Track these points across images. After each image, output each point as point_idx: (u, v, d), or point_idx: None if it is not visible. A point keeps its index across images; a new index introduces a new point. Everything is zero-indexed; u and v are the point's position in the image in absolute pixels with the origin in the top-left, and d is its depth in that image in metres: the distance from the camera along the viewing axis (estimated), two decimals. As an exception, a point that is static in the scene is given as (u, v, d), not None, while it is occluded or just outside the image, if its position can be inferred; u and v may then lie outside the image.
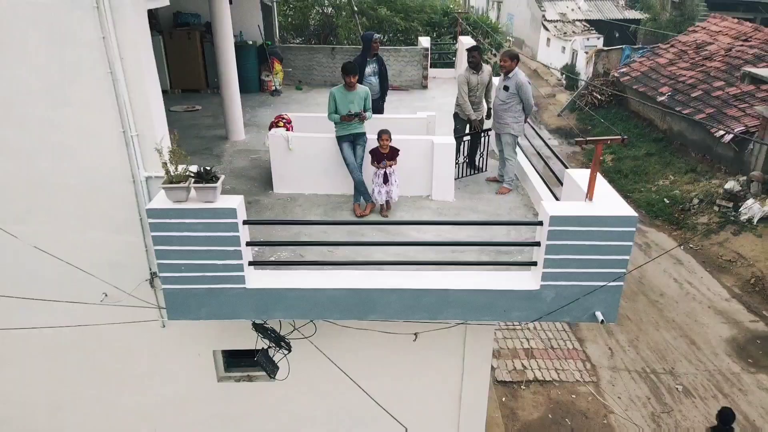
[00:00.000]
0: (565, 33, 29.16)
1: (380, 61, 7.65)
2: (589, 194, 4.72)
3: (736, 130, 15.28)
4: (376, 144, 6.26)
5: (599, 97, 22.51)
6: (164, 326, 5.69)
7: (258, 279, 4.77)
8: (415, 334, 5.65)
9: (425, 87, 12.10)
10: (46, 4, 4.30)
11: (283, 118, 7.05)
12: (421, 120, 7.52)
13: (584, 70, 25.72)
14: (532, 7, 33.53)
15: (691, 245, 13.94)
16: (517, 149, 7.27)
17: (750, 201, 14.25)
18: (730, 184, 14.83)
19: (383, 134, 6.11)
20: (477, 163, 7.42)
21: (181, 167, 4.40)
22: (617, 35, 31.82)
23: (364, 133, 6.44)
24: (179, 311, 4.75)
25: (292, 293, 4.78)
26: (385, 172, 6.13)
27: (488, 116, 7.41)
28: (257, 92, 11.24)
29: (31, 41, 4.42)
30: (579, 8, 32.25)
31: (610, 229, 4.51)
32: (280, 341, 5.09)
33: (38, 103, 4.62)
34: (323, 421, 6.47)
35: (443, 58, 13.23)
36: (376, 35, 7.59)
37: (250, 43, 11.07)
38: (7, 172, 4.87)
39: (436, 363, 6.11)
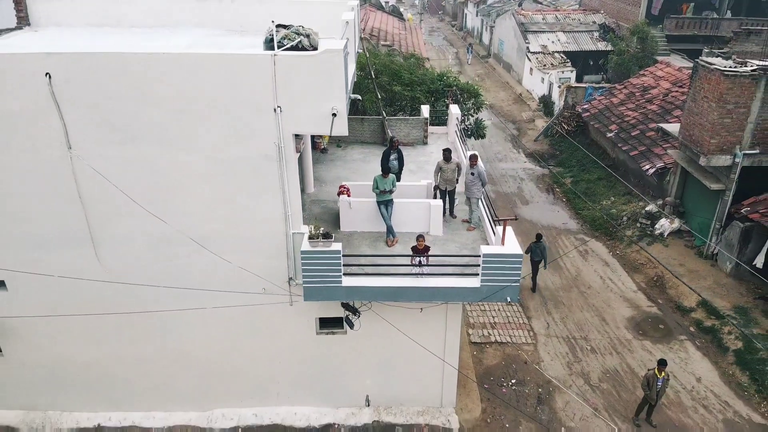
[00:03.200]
0: (544, 65, 34.24)
1: (399, 151, 12.95)
2: (502, 241, 10.01)
3: (657, 166, 20.55)
4: (404, 212, 11.50)
5: (566, 127, 27.72)
6: (291, 305, 11.00)
7: (347, 281, 10.09)
8: (421, 308, 10.96)
9: (426, 143, 17.29)
10: (257, 158, 9.54)
11: (345, 187, 12.31)
12: (422, 186, 12.80)
13: (558, 101, 30.89)
14: (518, 38, 38.62)
15: (617, 251, 19.25)
16: (480, 204, 12.50)
17: (663, 220, 19.55)
18: (650, 207, 20.13)
19: (419, 238, 10.36)
20: (453, 213, 12.62)
21: (311, 228, 9.72)
22: (591, 63, 37.00)
23: (392, 200, 11.68)
24: (311, 296, 10.11)
25: (362, 288, 10.10)
26: (420, 261, 10.51)
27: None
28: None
29: (247, 172, 9.67)
30: (559, 40, 37.31)
31: (510, 259, 9.81)
32: (355, 311, 10.42)
33: (246, 198, 9.89)
34: (371, 357, 11.84)
35: (439, 119, 18.42)
36: (396, 138, 12.91)
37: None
38: (226, 232, 10.16)
39: (430, 326, 11.42)
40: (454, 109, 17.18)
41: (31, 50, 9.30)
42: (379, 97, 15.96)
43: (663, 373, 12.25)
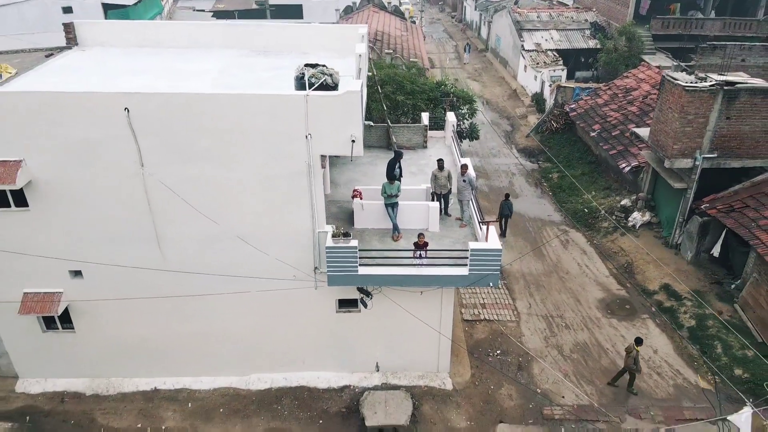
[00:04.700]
0: (537, 63, 36.39)
1: (400, 164, 15.38)
2: (486, 238, 12.53)
3: (632, 164, 22.97)
4: (407, 212, 14.00)
5: (555, 124, 30.04)
6: (316, 289, 13.56)
7: (362, 270, 12.63)
8: (421, 292, 13.52)
9: (425, 147, 19.68)
10: (291, 174, 12.00)
11: (358, 191, 14.77)
12: (422, 190, 15.28)
13: (548, 99, 33.14)
14: (514, 36, 40.67)
15: (595, 241, 21.77)
16: (470, 205, 14.98)
17: (635, 213, 22.02)
18: (625, 201, 22.61)
19: (420, 236, 13.09)
20: (448, 212, 15.11)
21: (335, 228, 12.24)
22: (582, 60, 39.11)
23: (397, 203, 14.14)
24: (334, 282, 12.68)
25: (374, 275, 12.66)
26: (420, 254, 13.10)
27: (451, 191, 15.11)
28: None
29: (283, 185, 12.15)
30: (552, 38, 39.38)
31: (492, 253, 12.34)
32: (368, 294, 12.99)
33: (282, 205, 12.38)
34: (380, 331, 14.46)
35: (437, 124, 20.79)
36: (402, 152, 15.37)
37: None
38: (265, 231, 12.66)
39: (429, 305, 13.99)
40: (451, 117, 19.57)
41: (113, 89, 11.71)
42: (385, 107, 18.34)
43: (638, 348, 14.86)
